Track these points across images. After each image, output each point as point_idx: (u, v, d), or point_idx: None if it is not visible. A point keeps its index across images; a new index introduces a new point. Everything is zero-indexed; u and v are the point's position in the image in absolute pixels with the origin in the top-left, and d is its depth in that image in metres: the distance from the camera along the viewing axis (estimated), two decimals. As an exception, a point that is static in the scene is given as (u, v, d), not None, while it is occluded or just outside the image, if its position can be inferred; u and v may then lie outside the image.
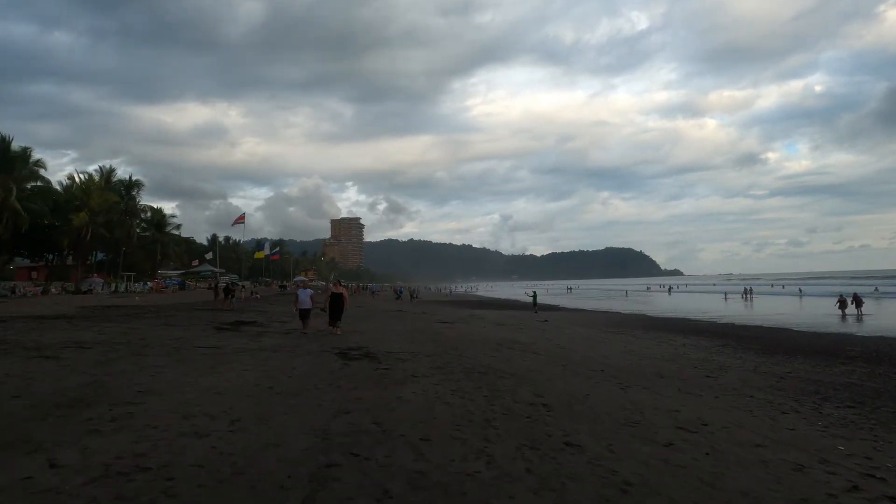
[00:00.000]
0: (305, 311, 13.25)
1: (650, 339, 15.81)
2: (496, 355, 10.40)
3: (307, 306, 13.30)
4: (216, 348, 9.31)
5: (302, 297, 13.41)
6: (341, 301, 12.76)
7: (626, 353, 11.97)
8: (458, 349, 11.21)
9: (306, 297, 13.44)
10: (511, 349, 11.67)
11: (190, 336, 11.31)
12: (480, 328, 17.58)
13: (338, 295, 12.84)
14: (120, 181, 49.53)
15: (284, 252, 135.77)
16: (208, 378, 6.41)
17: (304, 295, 13.53)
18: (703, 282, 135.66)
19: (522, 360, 9.96)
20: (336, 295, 12.84)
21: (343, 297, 12.89)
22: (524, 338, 14.49)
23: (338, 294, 12.89)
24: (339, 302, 12.73)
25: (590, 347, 12.81)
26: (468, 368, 8.46)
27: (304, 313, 13.25)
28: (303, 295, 13.52)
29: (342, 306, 12.80)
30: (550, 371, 8.66)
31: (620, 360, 10.48)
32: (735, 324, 22.38)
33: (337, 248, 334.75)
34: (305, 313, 13.24)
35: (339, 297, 12.80)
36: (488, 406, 5.79)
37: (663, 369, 9.53)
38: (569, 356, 10.80)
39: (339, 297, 12.80)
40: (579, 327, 19.57)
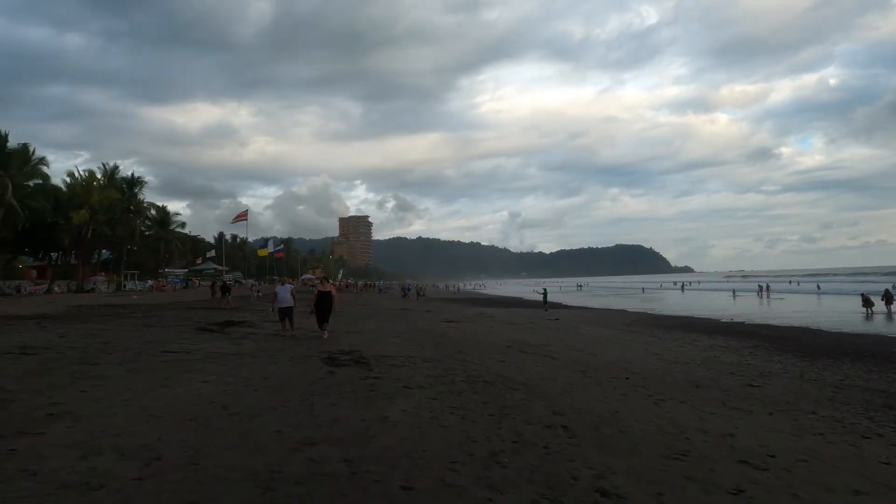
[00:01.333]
0: (286, 311, 11.70)
1: (673, 339, 14.54)
2: (505, 360, 9.23)
3: (288, 304, 11.69)
4: (185, 353, 8.22)
5: (281, 295, 11.76)
6: (329, 300, 11.34)
7: (650, 356, 10.74)
8: (462, 352, 10.05)
9: (286, 294, 11.77)
10: (521, 352, 10.49)
11: (163, 338, 10.25)
12: (488, 328, 16.42)
13: (325, 294, 11.39)
14: (122, 178, 48.78)
15: (292, 250, 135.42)
16: (153, 394, 5.30)
17: (283, 292, 11.82)
18: (715, 279, 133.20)
19: (535, 365, 8.78)
20: (323, 294, 11.40)
21: (331, 296, 11.43)
22: (536, 339, 13.30)
23: (325, 293, 11.42)
24: (327, 302, 11.32)
25: (609, 350, 11.59)
26: (472, 376, 7.30)
27: (284, 313, 11.71)
28: (282, 292, 11.83)
29: (330, 306, 11.39)
30: (568, 379, 7.48)
31: (646, 366, 9.26)
32: (760, 323, 20.99)
33: (345, 247, 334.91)
34: (286, 313, 11.71)
35: (326, 295, 11.36)
36: (494, 429, 4.63)
37: (697, 376, 8.30)
38: (587, 360, 9.60)
39: (326, 295, 11.36)
40: (594, 327, 18.32)
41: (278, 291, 11.92)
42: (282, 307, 11.70)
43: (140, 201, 54.07)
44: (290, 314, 11.72)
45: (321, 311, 11.33)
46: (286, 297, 11.74)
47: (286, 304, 11.69)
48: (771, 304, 37.56)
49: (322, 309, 11.30)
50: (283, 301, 11.72)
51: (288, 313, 11.69)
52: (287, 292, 11.82)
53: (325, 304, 11.31)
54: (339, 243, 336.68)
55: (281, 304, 11.71)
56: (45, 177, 44.30)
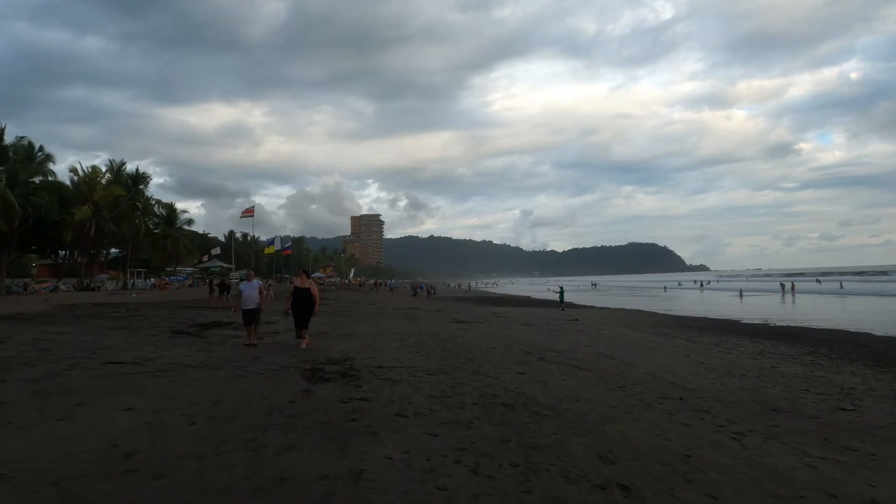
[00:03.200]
0: (251, 314, 9.32)
1: (712, 344, 12.84)
2: (525, 371, 7.68)
3: (252, 305, 9.30)
4: (134, 365, 6.79)
5: (246, 294, 9.36)
6: (309, 300, 9.12)
7: (695, 365, 9.10)
8: (473, 360, 8.53)
9: (252, 292, 9.38)
10: (543, 360, 8.93)
11: (122, 344, 8.86)
12: (502, 330, 14.86)
13: (303, 291, 9.14)
14: (128, 175, 47.96)
15: (303, 249, 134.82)
16: (37, 431, 3.84)
17: (248, 290, 9.42)
18: (733, 277, 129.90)
19: (562, 378, 7.21)
20: (301, 291, 9.15)
21: (310, 294, 9.14)
22: (557, 343, 11.72)
23: (303, 290, 9.15)
24: (306, 301, 9.10)
25: (643, 357, 9.96)
26: (486, 396, 5.77)
27: (249, 316, 9.32)
28: (247, 290, 9.42)
29: (311, 307, 9.19)
30: (607, 400, 5.91)
31: (697, 379, 7.63)
32: (802, 325, 19.15)
33: (357, 245, 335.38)
34: (251, 316, 9.33)
35: (304, 293, 9.12)
36: (520, 492, 3.11)
37: (766, 395, 6.67)
38: (624, 372, 8.00)
39: (304, 293, 9.12)
40: (619, 328, 16.66)
41: (242, 289, 9.52)
42: (246, 309, 9.32)
43: (148, 198, 53.42)
44: (255, 317, 9.47)
45: (298, 312, 9.23)
46: (252, 297, 9.36)
47: (250, 306, 9.33)
48: (796, 303, 35.59)
49: (299, 310, 9.20)
50: (248, 301, 9.33)
51: (253, 316, 9.40)
52: (254, 290, 9.46)
53: (302, 304, 9.15)
54: (351, 242, 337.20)
55: (245, 306, 9.32)
56: (51, 173, 43.75)
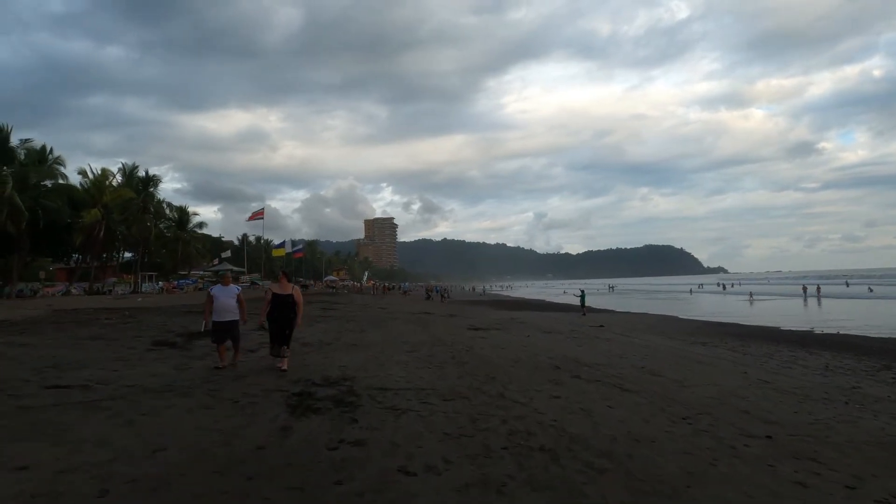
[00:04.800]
0: (226, 328, 7.22)
1: (763, 356, 11.33)
2: (560, 393, 6.34)
3: (229, 318, 7.24)
4: (83, 389, 5.58)
5: (221, 302, 7.24)
6: (291, 309, 7.19)
7: (758, 385, 7.64)
8: (496, 379, 7.21)
9: (228, 300, 7.29)
10: (577, 378, 7.57)
11: (86, 359, 7.71)
12: (523, 338, 13.49)
13: (283, 298, 7.20)
14: (138, 178, 47.53)
15: (317, 252, 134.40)
16: None
17: (223, 297, 7.29)
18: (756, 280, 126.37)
19: (607, 405, 5.86)
20: (280, 299, 7.20)
21: (293, 301, 7.23)
22: (588, 354, 10.33)
23: (283, 297, 7.21)
24: (287, 311, 7.16)
25: (693, 373, 8.53)
26: (519, 437, 4.46)
27: (222, 331, 7.21)
28: (221, 297, 7.29)
29: (292, 319, 7.22)
30: (676, 441, 4.55)
31: (773, 406, 6.20)
32: (856, 334, 17.45)
33: (371, 248, 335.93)
34: (226, 330, 7.23)
35: (285, 302, 7.18)
36: None
37: (876, 431, 5.23)
38: (678, 394, 6.61)
39: (285, 302, 7.18)
40: (651, 336, 15.17)
41: (215, 295, 7.28)
42: (219, 322, 7.15)
43: (159, 201, 53.04)
44: (232, 333, 7.30)
45: (277, 324, 7.12)
46: (228, 307, 7.22)
47: (226, 318, 7.18)
48: (827, 307, 33.66)
49: (278, 322, 7.12)
50: (223, 311, 7.19)
51: (229, 331, 7.24)
52: (230, 298, 7.31)
53: (282, 315, 7.12)
54: (364, 245, 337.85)
55: (217, 318, 7.16)
56: (63, 176, 43.42)
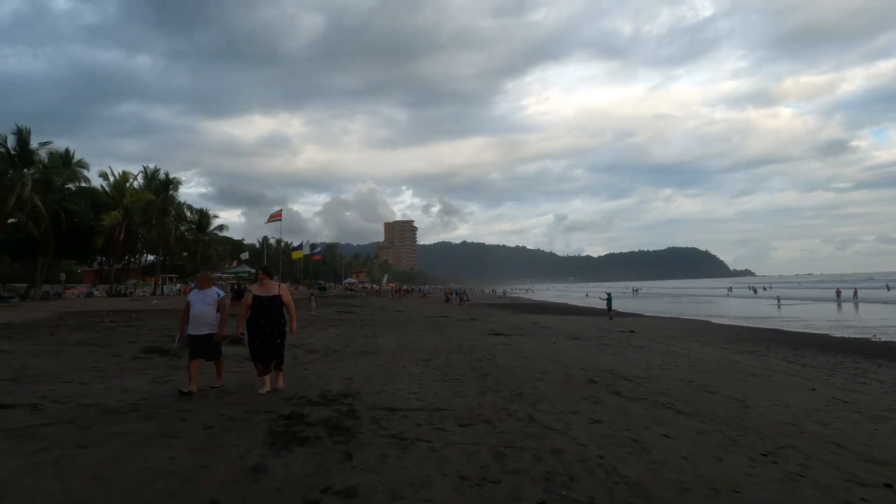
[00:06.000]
0: (199, 343, 5.81)
1: (824, 368, 9.99)
2: (601, 416, 5.27)
3: (204, 331, 5.81)
4: (31, 410, 4.72)
5: (196, 310, 5.85)
6: (277, 315, 5.81)
7: (837, 406, 6.41)
8: (523, 396, 6.18)
9: (205, 307, 5.84)
10: (619, 394, 6.47)
11: (58, 370, 6.92)
12: (549, 345, 12.39)
13: (267, 301, 5.76)
14: (158, 180, 47.72)
15: (337, 255, 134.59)
16: None
17: (199, 304, 5.87)
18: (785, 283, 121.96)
19: (661, 432, 4.76)
20: (263, 302, 5.76)
21: (281, 304, 5.85)
22: (624, 365, 9.19)
23: (267, 300, 5.77)
24: (272, 317, 5.76)
25: (752, 389, 7.32)
26: (559, 481, 3.42)
27: (196, 345, 5.81)
28: (197, 304, 5.87)
29: (280, 328, 5.84)
30: (769, 494, 3.44)
31: (868, 437, 5.01)
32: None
33: (390, 251, 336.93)
34: (202, 346, 5.81)
35: (269, 305, 5.75)
36: None
37: None
38: (745, 419, 5.45)
39: (269, 305, 5.75)
40: (689, 343, 13.85)
41: (192, 302, 5.89)
42: (194, 335, 5.81)
43: (180, 203, 53.27)
44: (208, 347, 5.84)
45: (261, 337, 5.70)
46: (204, 316, 5.81)
47: (202, 331, 5.80)
48: (868, 311, 31.65)
49: (262, 333, 5.69)
50: (198, 322, 5.81)
51: (205, 346, 5.81)
52: (207, 305, 5.84)
53: (266, 323, 5.68)
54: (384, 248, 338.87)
55: (193, 330, 5.82)
56: (86, 179, 43.78)
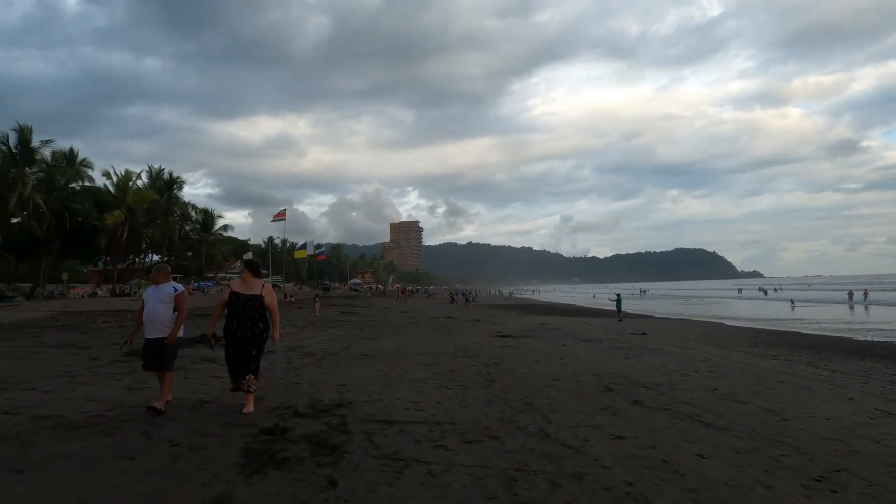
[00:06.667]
0: (153, 348, 4.82)
1: (854, 374, 9.32)
2: (623, 431, 4.68)
3: (156, 334, 4.83)
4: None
5: (149, 309, 4.91)
6: (257, 317, 4.83)
7: (882, 417, 5.78)
8: (533, 405, 5.61)
9: (160, 306, 4.89)
10: (639, 404, 5.88)
11: (26, 375, 6.39)
12: (559, 347, 11.79)
13: (246, 301, 4.81)
14: (162, 180, 47.49)
15: (342, 255, 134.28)
16: None
17: (153, 301, 4.93)
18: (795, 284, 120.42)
19: (693, 450, 4.17)
20: (242, 301, 4.81)
21: (262, 304, 4.86)
22: (640, 370, 8.57)
23: (246, 299, 4.82)
24: (252, 319, 4.80)
25: (782, 398, 6.70)
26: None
27: (149, 351, 4.85)
28: (151, 301, 4.94)
29: (260, 333, 4.85)
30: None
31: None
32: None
33: (396, 252, 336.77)
34: (154, 352, 4.82)
35: (249, 305, 4.81)
36: None
37: None
38: (787, 437, 4.85)
39: (249, 305, 4.81)
40: (707, 346, 13.19)
41: (145, 300, 4.96)
42: (148, 339, 4.84)
43: (184, 203, 53.06)
44: (157, 354, 4.80)
45: (235, 344, 4.75)
46: (157, 315, 4.84)
47: (154, 334, 4.83)
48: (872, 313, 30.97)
49: (238, 339, 4.73)
50: (151, 324, 4.85)
51: (158, 353, 4.79)
52: (162, 304, 4.87)
53: (244, 326, 4.73)
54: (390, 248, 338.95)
55: (146, 332, 4.87)
56: (90, 179, 43.58)
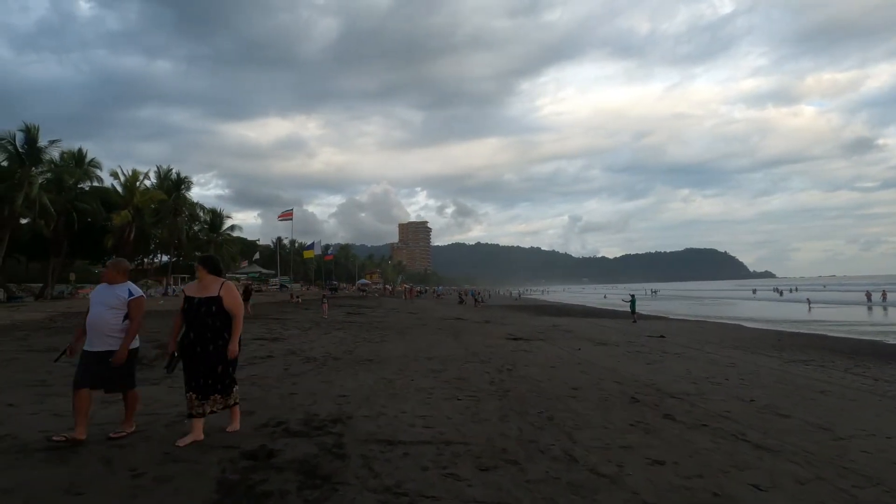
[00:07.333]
0: (95, 362, 3.82)
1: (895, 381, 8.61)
2: (660, 454, 4.06)
3: (99, 346, 3.84)
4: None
5: (93, 315, 3.89)
6: (210, 326, 3.90)
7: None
8: (554, 419, 5.02)
9: (106, 311, 3.89)
10: (671, 418, 5.25)
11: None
12: (574, 351, 11.15)
13: (199, 306, 3.93)
14: (171, 180, 47.35)
15: (350, 255, 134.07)
16: None
17: (98, 305, 3.92)
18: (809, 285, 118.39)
19: (754, 487, 3.53)
20: (195, 306, 3.94)
21: (219, 309, 3.93)
22: (664, 377, 7.91)
23: (199, 303, 3.93)
24: (205, 328, 3.89)
25: (830, 412, 6.03)
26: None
27: (89, 365, 3.82)
28: (97, 306, 3.92)
29: (214, 345, 3.88)
30: None
31: None
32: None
33: (405, 252, 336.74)
34: (94, 365, 3.81)
35: (203, 311, 3.91)
36: None
37: None
38: (851, 461, 4.19)
39: (203, 311, 3.91)
40: (731, 350, 12.47)
41: (91, 302, 4.02)
42: (88, 351, 3.88)
43: (193, 204, 52.91)
44: (106, 372, 3.85)
45: (189, 356, 3.91)
46: (102, 322, 3.88)
47: (95, 346, 3.87)
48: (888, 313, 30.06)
49: (189, 354, 3.91)
50: (94, 333, 3.89)
51: (100, 369, 3.83)
52: (109, 307, 3.92)
53: (198, 340, 3.89)
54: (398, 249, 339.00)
55: (87, 345, 3.91)
56: (99, 179, 43.49)
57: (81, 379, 3.84)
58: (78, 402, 3.79)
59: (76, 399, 3.80)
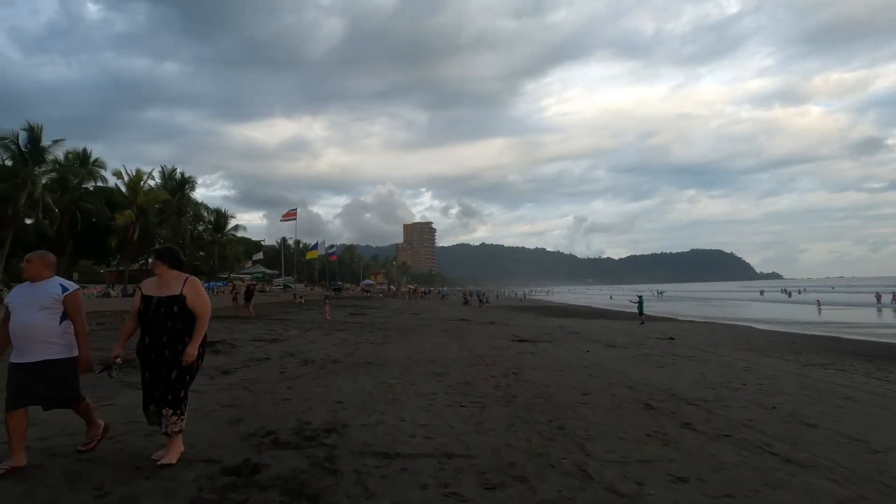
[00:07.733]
0: (27, 375, 3.25)
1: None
2: (682, 470, 3.71)
3: (29, 357, 3.26)
4: None
5: (22, 319, 3.28)
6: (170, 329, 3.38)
7: None
8: (564, 429, 4.67)
9: (33, 314, 3.28)
10: (692, 428, 4.89)
11: None
12: (582, 354, 10.79)
13: (158, 306, 3.40)
14: (175, 180, 47.24)
15: (355, 256, 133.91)
16: None
17: (25, 308, 3.30)
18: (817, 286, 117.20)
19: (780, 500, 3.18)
20: (153, 306, 3.41)
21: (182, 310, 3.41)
22: (678, 381, 7.54)
23: (158, 303, 3.40)
24: (162, 333, 3.37)
25: (861, 421, 5.63)
26: None
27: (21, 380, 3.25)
28: (23, 308, 3.31)
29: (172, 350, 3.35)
30: None
31: None
32: None
33: (409, 253, 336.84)
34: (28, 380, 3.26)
35: (164, 311, 3.39)
36: None
37: None
38: (889, 474, 3.83)
39: (164, 311, 3.39)
40: (742, 352, 12.07)
41: (13, 307, 3.35)
42: (16, 363, 3.28)
43: (197, 204, 52.82)
44: (44, 389, 3.30)
45: (145, 366, 3.42)
46: (31, 327, 3.26)
47: (24, 357, 3.27)
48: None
49: (146, 361, 3.41)
50: (22, 340, 3.28)
51: (37, 385, 3.27)
52: (38, 308, 3.30)
53: (155, 345, 3.36)
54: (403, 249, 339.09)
55: (15, 356, 3.30)
56: (103, 179, 43.43)
57: (16, 397, 3.25)
58: (13, 425, 3.24)
59: (10, 421, 3.24)
